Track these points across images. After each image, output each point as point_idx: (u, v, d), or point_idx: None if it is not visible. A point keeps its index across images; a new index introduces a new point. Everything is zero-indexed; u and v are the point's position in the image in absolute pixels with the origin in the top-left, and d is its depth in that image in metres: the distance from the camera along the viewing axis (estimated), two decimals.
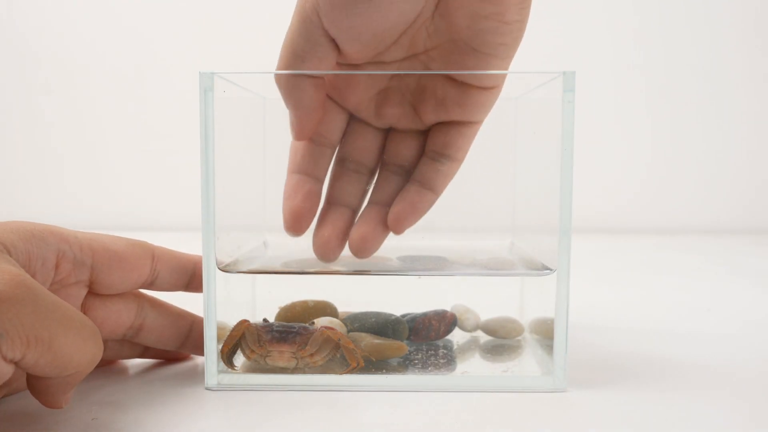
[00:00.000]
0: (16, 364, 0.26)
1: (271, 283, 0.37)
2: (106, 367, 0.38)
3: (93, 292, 0.34)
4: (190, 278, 0.37)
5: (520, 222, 0.42)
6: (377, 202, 0.37)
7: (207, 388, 0.34)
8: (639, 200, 1.20)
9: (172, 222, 1.00)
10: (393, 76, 0.37)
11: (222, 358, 0.35)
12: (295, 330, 0.35)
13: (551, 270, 0.34)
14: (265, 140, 0.41)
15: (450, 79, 0.36)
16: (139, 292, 0.36)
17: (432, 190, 0.37)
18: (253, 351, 0.35)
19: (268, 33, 1.21)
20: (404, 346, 0.37)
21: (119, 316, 0.35)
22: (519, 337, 0.41)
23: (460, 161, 0.38)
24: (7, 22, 1.19)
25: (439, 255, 0.40)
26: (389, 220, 0.36)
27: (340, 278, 0.38)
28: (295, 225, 0.36)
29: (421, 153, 0.38)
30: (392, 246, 0.38)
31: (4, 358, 0.25)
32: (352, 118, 0.39)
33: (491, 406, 0.32)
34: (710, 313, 0.53)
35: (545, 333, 0.37)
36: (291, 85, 0.35)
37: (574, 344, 0.41)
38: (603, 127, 1.17)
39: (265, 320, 0.36)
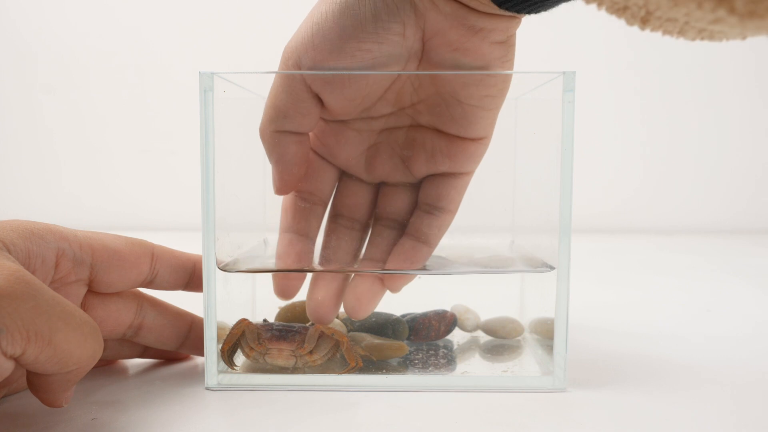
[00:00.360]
0: (17, 360, 0.26)
1: (271, 283, 0.37)
2: (106, 367, 0.38)
3: (93, 290, 0.34)
4: (190, 277, 0.37)
5: (520, 222, 0.42)
6: (371, 259, 0.37)
7: (207, 388, 0.34)
8: (638, 200, 1.20)
9: (172, 222, 1.00)
10: (381, 131, 0.37)
11: (222, 357, 0.35)
12: (294, 329, 0.35)
13: (552, 267, 0.35)
14: None
15: (438, 131, 0.37)
16: (139, 291, 0.36)
17: (426, 243, 0.37)
18: (252, 349, 0.35)
19: (268, 33, 1.21)
20: (405, 346, 0.37)
21: (119, 315, 0.35)
22: (519, 337, 0.41)
23: (453, 212, 0.38)
24: (7, 22, 1.19)
25: (439, 254, 0.40)
26: (385, 280, 0.36)
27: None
28: (285, 291, 0.37)
29: (414, 205, 0.38)
30: None
31: (5, 354, 0.25)
32: (344, 174, 0.39)
33: (491, 406, 0.32)
34: (710, 314, 0.54)
35: (545, 333, 0.37)
36: (274, 141, 0.35)
37: (574, 344, 0.41)
38: (602, 127, 1.17)
39: (264, 321, 0.36)
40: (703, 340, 0.45)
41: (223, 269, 0.35)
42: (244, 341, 0.36)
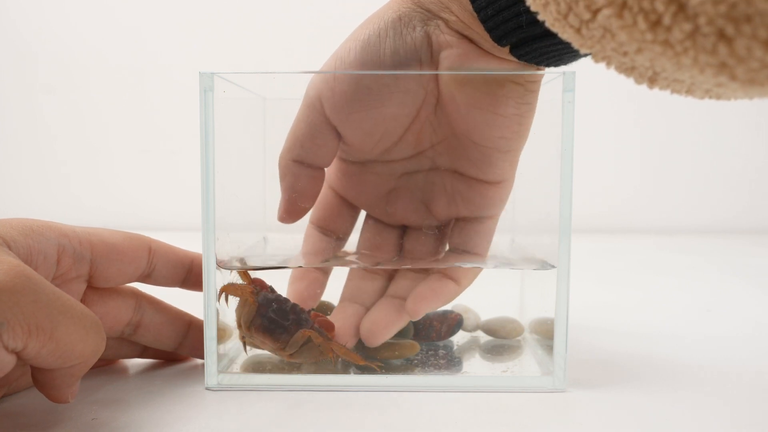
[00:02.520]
0: (19, 355, 0.26)
1: (271, 281, 0.37)
2: (106, 366, 0.38)
3: (91, 285, 0.34)
4: (187, 274, 0.37)
5: (520, 221, 0.42)
6: (393, 296, 0.37)
7: (207, 388, 0.34)
8: (638, 200, 1.20)
9: (173, 222, 1.00)
10: (401, 175, 0.37)
11: (217, 296, 0.35)
12: (286, 324, 0.34)
13: (552, 266, 0.35)
14: (265, 140, 0.41)
15: (457, 173, 0.37)
16: (137, 289, 0.37)
17: (455, 281, 0.36)
18: (239, 325, 0.35)
19: (268, 33, 1.21)
20: (416, 345, 0.37)
21: (117, 312, 0.35)
22: (519, 337, 0.41)
23: (482, 255, 0.38)
24: (7, 22, 1.19)
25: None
26: (408, 301, 0.36)
27: (341, 276, 0.38)
28: (304, 300, 0.37)
29: (438, 249, 0.38)
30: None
31: (6, 348, 0.25)
32: (368, 216, 0.39)
33: (491, 406, 0.32)
34: (710, 314, 0.54)
35: (545, 333, 0.37)
36: (287, 169, 0.36)
37: (574, 344, 0.41)
38: (601, 126, 1.17)
39: (270, 290, 0.36)
40: (703, 340, 0.45)
41: (221, 267, 0.35)
42: (238, 311, 0.35)
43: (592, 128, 1.10)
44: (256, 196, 0.41)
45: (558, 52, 0.32)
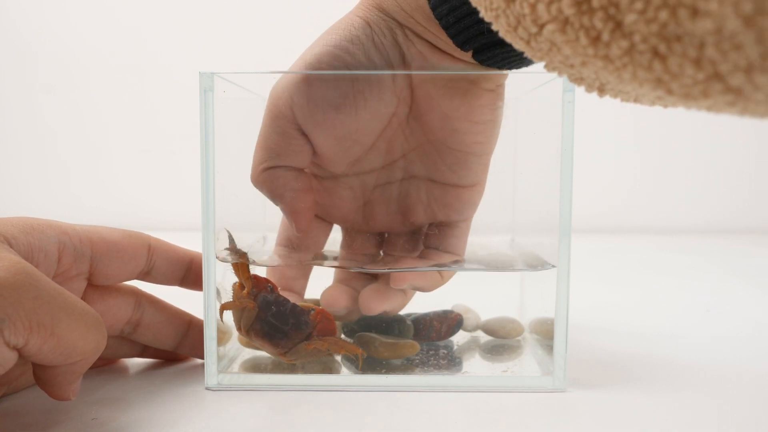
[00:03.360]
0: (20, 351, 0.26)
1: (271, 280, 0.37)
2: (106, 366, 0.38)
3: (91, 283, 0.34)
4: (186, 272, 0.37)
5: (520, 221, 0.42)
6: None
7: (207, 388, 0.34)
8: (638, 200, 1.20)
9: (173, 222, 1.00)
10: (375, 187, 0.37)
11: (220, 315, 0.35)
12: (285, 329, 0.34)
13: (552, 266, 0.35)
14: None
15: (431, 180, 0.37)
16: (137, 288, 0.37)
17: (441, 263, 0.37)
18: (239, 329, 0.35)
19: (268, 33, 1.21)
20: (416, 345, 0.37)
21: (118, 310, 0.35)
22: (519, 337, 0.41)
23: (459, 256, 0.38)
24: (7, 23, 1.19)
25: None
26: (393, 277, 0.36)
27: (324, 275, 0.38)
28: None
29: (417, 246, 0.38)
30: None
31: (7, 344, 0.25)
32: (344, 230, 0.39)
33: (491, 406, 0.32)
34: (710, 314, 0.54)
35: (545, 333, 0.37)
36: (270, 178, 0.35)
37: (574, 344, 0.41)
38: (601, 126, 1.17)
39: (271, 289, 0.35)
40: (703, 340, 0.45)
41: (222, 260, 0.35)
42: (237, 316, 0.35)
43: (591, 128, 1.10)
44: (256, 196, 0.41)
45: (518, 57, 0.32)
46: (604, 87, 0.24)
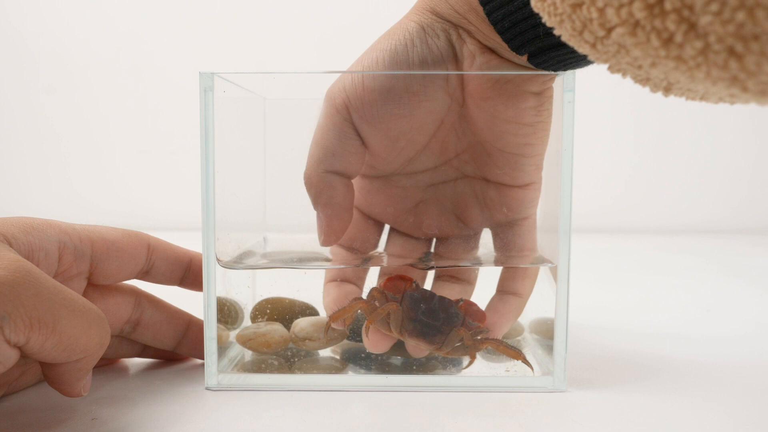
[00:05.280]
0: (22, 349, 0.26)
1: (271, 280, 0.37)
2: (106, 366, 0.38)
3: (91, 283, 0.34)
4: (185, 272, 0.37)
5: None
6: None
7: (207, 388, 0.34)
8: (637, 200, 1.20)
9: (173, 222, 1.00)
10: (428, 186, 0.37)
11: (331, 326, 0.34)
12: (438, 324, 0.34)
13: (552, 264, 0.35)
14: (265, 140, 0.41)
15: (486, 181, 0.37)
16: (137, 287, 0.37)
17: (515, 294, 0.36)
18: (391, 332, 0.34)
19: (268, 33, 1.21)
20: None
21: (117, 309, 0.35)
22: (519, 337, 0.41)
23: (529, 254, 0.37)
24: (7, 25, 1.19)
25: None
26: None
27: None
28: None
29: (469, 255, 0.38)
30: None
31: (8, 342, 0.25)
32: (392, 230, 0.38)
33: (491, 406, 0.32)
34: (710, 314, 0.54)
35: (545, 333, 0.37)
36: (324, 183, 0.35)
37: (574, 344, 0.41)
38: (600, 126, 1.17)
39: (416, 285, 0.35)
40: (703, 340, 0.45)
41: (224, 266, 0.35)
42: (385, 323, 0.34)
43: (591, 128, 1.10)
44: (256, 196, 0.41)
45: (575, 59, 0.32)
46: (671, 87, 0.24)
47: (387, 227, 0.39)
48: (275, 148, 0.40)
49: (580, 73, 0.34)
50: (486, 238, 0.39)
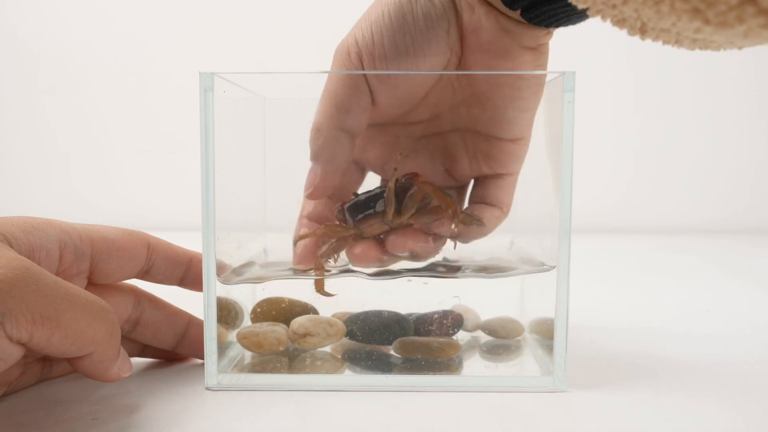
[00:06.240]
0: (28, 345, 0.26)
1: (271, 284, 0.37)
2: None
3: (92, 282, 0.34)
4: (185, 272, 0.37)
5: (520, 222, 0.42)
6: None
7: (207, 388, 0.34)
8: (637, 200, 1.20)
9: (173, 222, 1.00)
10: (420, 138, 0.38)
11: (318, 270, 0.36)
12: (373, 203, 0.35)
13: (551, 266, 0.35)
14: (265, 140, 0.41)
15: (477, 133, 0.38)
16: (137, 287, 0.37)
17: (491, 204, 0.38)
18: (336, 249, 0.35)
19: (268, 33, 1.21)
20: (458, 344, 0.37)
21: (117, 308, 0.35)
22: (519, 337, 0.41)
23: (504, 210, 0.38)
24: (8, 23, 1.19)
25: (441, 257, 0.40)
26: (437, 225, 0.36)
27: (341, 279, 0.38)
28: (303, 259, 0.37)
29: (460, 202, 0.39)
30: None
31: (10, 339, 0.25)
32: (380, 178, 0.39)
33: (491, 406, 0.32)
34: (710, 314, 0.54)
35: (545, 333, 0.37)
36: (332, 138, 0.35)
37: (574, 344, 0.41)
38: (600, 126, 1.17)
39: (355, 194, 0.36)
40: (703, 340, 0.45)
41: (223, 282, 0.35)
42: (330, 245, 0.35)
43: (590, 128, 1.10)
44: (256, 196, 0.41)
45: (566, 14, 0.33)
46: (645, 27, 0.25)
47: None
48: (275, 148, 0.40)
49: (580, 73, 0.34)
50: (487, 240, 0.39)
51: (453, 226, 0.35)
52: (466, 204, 0.40)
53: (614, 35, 0.36)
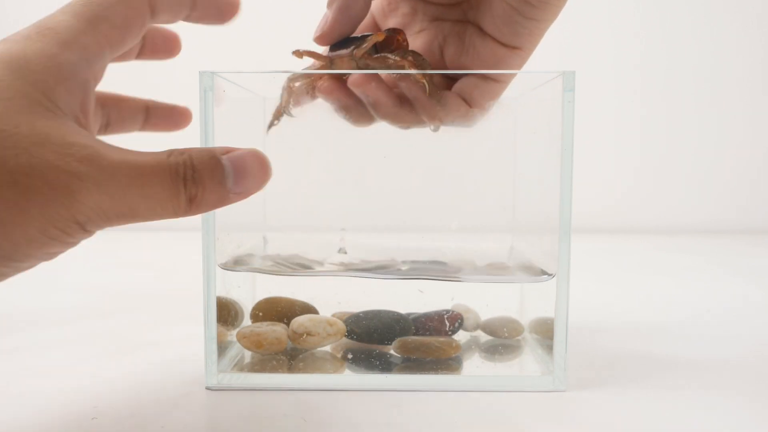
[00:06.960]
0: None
1: (271, 281, 0.37)
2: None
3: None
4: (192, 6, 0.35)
5: (520, 222, 0.42)
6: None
7: (207, 388, 0.34)
8: (637, 200, 1.20)
9: (173, 222, 1.00)
10: (433, 20, 0.38)
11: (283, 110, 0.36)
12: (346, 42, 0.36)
13: (550, 275, 0.35)
14: (265, 140, 0.41)
15: (478, 28, 0.37)
16: (101, 93, 0.38)
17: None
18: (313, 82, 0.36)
19: (268, 33, 1.21)
20: (458, 344, 0.37)
21: (92, 131, 0.32)
22: (519, 337, 0.41)
23: (475, 114, 0.37)
24: (8, 24, 1.19)
25: (439, 260, 0.40)
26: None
27: (340, 279, 0.38)
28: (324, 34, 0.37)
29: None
30: (393, 246, 0.38)
31: (88, 233, 0.26)
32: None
33: (491, 406, 0.32)
34: (710, 314, 0.54)
35: (545, 333, 0.37)
36: None
37: (574, 344, 0.41)
38: (600, 126, 1.17)
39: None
40: (703, 340, 0.45)
41: (223, 267, 0.35)
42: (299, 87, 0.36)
43: (590, 128, 1.10)
44: (256, 196, 0.41)
45: None
46: None
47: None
48: (275, 148, 0.40)
49: (581, 73, 0.34)
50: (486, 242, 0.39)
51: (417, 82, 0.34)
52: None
53: (615, 35, 0.36)
